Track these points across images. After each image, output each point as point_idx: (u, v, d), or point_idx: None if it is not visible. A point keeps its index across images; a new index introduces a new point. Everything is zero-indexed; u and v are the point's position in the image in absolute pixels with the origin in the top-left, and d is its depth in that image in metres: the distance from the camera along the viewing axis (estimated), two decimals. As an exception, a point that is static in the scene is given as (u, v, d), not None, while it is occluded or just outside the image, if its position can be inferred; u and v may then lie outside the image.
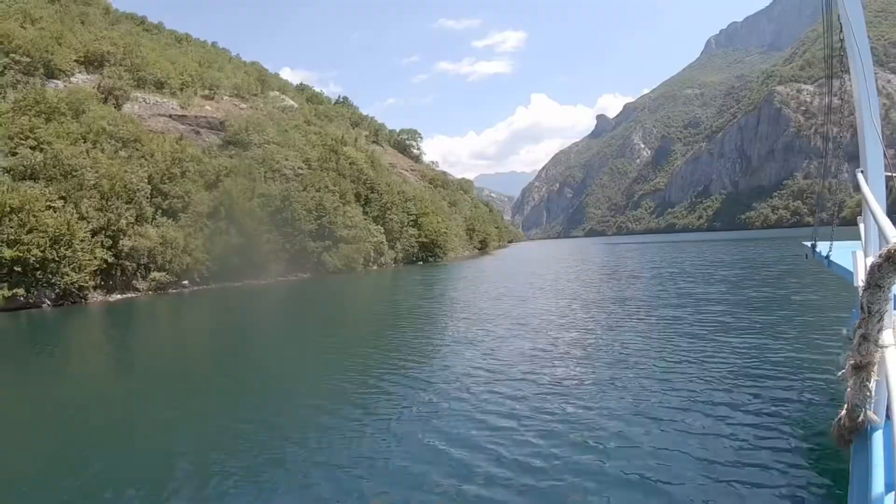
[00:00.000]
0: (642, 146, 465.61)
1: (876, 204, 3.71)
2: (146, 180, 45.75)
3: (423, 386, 11.33)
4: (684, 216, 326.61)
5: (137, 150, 49.12)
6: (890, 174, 5.27)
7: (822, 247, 8.25)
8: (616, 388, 10.28)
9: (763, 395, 9.15)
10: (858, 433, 3.24)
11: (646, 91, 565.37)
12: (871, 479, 2.82)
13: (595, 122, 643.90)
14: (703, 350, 12.70)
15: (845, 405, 3.25)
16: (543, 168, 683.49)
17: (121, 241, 41.41)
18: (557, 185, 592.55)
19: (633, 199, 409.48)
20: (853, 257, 5.23)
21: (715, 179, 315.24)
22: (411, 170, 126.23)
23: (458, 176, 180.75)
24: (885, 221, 3.12)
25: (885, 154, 5.15)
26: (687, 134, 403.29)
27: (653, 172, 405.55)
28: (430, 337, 18.07)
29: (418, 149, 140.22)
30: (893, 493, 2.01)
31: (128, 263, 42.23)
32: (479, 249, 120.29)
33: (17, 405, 12.61)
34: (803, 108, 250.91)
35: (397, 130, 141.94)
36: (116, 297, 41.44)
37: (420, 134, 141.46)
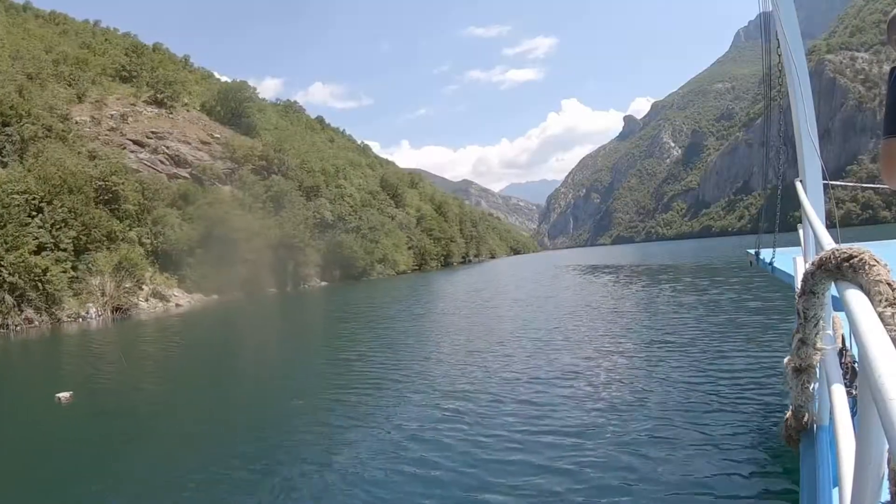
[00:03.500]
0: (672, 144, 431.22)
1: (813, 212, 3.90)
2: None
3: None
4: (722, 217, 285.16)
5: None
6: (827, 182, 5.48)
7: (766, 254, 8.36)
8: (557, 395, 9.85)
9: (716, 397, 9.02)
10: (805, 432, 3.38)
11: (674, 89, 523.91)
12: (818, 475, 3.04)
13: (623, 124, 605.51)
14: (653, 354, 12.62)
15: (790, 406, 3.36)
16: (570, 174, 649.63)
17: None
18: (584, 191, 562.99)
19: (663, 200, 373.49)
20: (794, 263, 5.43)
21: (756, 173, 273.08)
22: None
23: (487, 186, 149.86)
24: (821, 229, 3.18)
25: (822, 167, 5.30)
26: (720, 127, 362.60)
27: (684, 171, 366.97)
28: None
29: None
30: (837, 487, 2.14)
31: None
32: (415, 269, 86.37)
33: None
34: (861, 76, 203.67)
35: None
36: None
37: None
